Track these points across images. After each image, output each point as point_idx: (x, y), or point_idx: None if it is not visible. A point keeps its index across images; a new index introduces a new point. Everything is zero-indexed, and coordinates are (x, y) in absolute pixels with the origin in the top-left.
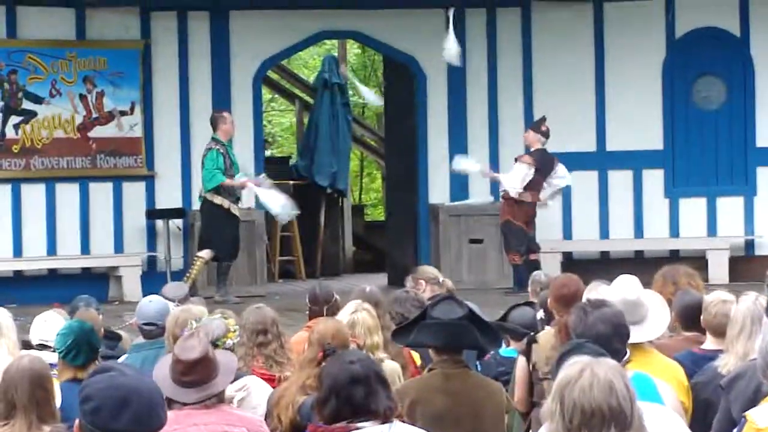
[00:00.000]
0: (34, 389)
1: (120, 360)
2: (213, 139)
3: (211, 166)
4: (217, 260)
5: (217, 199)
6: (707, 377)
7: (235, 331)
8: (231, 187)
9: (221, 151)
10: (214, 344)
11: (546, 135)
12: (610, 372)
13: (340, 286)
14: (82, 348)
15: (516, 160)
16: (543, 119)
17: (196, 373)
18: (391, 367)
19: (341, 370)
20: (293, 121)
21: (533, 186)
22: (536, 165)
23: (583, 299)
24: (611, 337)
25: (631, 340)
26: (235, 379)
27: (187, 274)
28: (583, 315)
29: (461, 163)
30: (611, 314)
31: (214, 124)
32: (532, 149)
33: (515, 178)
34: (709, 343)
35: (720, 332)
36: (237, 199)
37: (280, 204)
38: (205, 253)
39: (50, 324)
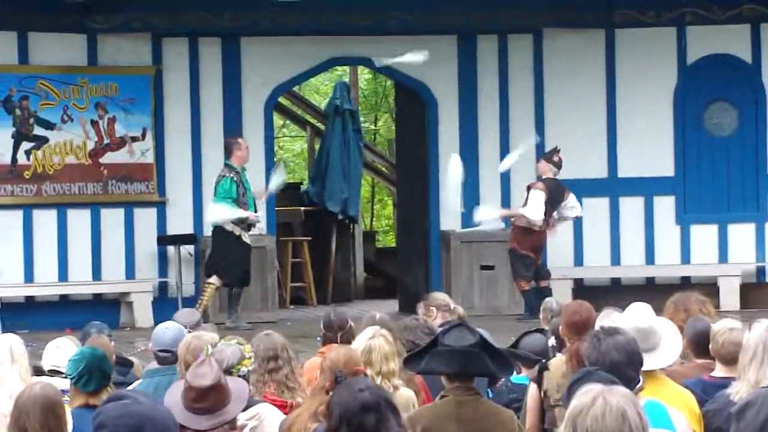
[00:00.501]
0: (46, 416)
1: (133, 386)
2: (226, 165)
3: (222, 193)
4: (227, 287)
5: (229, 226)
6: (719, 405)
7: (250, 357)
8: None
9: (235, 179)
10: (229, 371)
11: (558, 165)
12: (622, 400)
13: (352, 312)
14: (93, 374)
15: (528, 188)
16: (556, 150)
17: (208, 400)
18: (406, 394)
19: (351, 399)
20: (304, 147)
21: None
22: (547, 193)
23: (596, 326)
24: (625, 365)
25: (643, 368)
26: (248, 407)
27: (199, 301)
28: (596, 342)
29: (481, 214)
30: (625, 342)
31: (229, 150)
32: (544, 177)
33: (537, 208)
34: (719, 370)
35: (729, 360)
36: (249, 227)
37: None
38: (215, 279)
39: (62, 350)
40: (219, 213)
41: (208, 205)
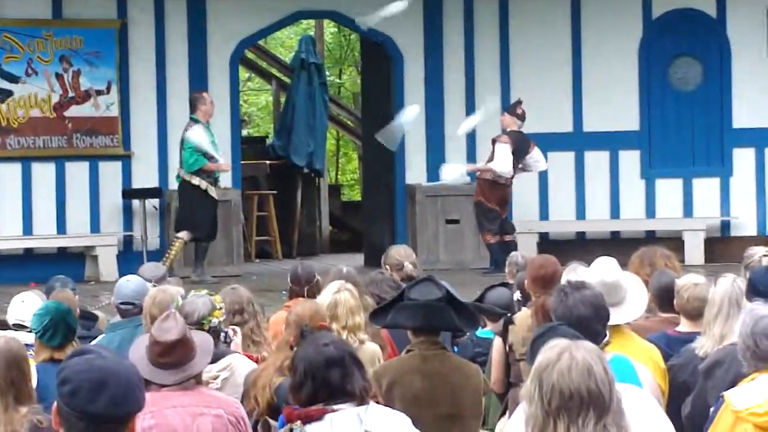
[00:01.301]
0: (10, 370)
1: (97, 339)
2: (192, 119)
3: (191, 147)
4: (195, 241)
5: (195, 180)
6: (684, 360)
7: (221, 308)
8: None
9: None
10: (200, 322)
11: (522, 118)
12: (588, 355)
13: (318, 266)
14: (58, 328)
15: (493, 141)
16: (519, 102)
17: (174, 355)
18: (371, 348)
19: (316, 353)
20: (269, 100)
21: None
22: (513, 145)
23: (562, 281)
24: (591, 319)
25: (609, 322)
26: (219, 358)
27: (166, 255)
28: (563, 297)
29: (447, 171)
30: (591, 296)
31: (194, 104)
32: (508, 130)
33: (505, 161)
34: (684, 325)
35: (693, 315)
36: (215, 180)
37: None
38: (184, 234)
39: (27, 304)
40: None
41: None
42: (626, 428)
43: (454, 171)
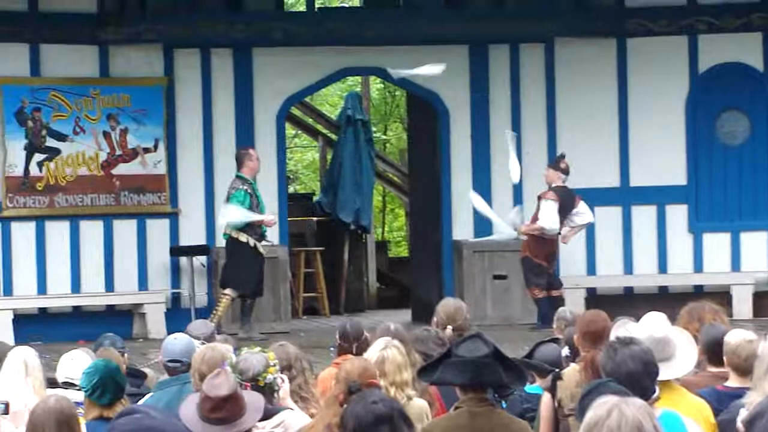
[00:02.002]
0: (61, 429)
1: (145, 398)
2: (238, 177)
3: (236, 204)
4: (242, 297)
5: (242, 237)
6: (733, 415)
7: (275, 365)
8: (255, 224)
9: (248, 190)
10: (255, 379)
11: (566, 172)
12: (638, 412)
13: (365, 323)
14: (108, 387)
15: (539, 198)
16: (562, 156)
17: (225, 411)
18: (419, 405)
19: (365, 411)
20: (316, 157)
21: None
22: (558, 201)
23: (611, 336)
24: (641, 375)
25: (659, 378)
26: (272, 415)
27: (213, 312)
28: (612, 353)
29: (499, 231)
30: (641, 352)
31: (240, 161)
32: (553, 185)
33: (551, 218)
34: (733, 380)
35: (744, 371)
36: (262, 236)
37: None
38: (231, 291)
39: (77, 362)
40: (231, 215)
41: (220, 209)
42: None
43: (506, 231)
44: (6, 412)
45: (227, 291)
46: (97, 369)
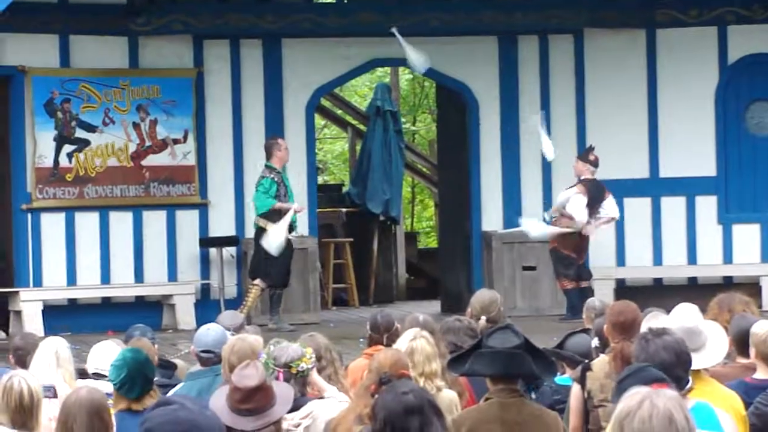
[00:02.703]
0: (92, 420)
1: (176, 388)
2: (267, 167)
3: (262, 192)
4: (271, 288)
5: (269, 226)
6: (765, 405)
7: (310, 358)
8: (283, 212)
9: (276, 179)
10: (288, 365)
11: (595, 164)
12: (669, 403)
13: (395, 313)
14: (136, 381)
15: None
16: (591, 148)
17: (254, 401)
18: (449, 396)
19: (395, 401)
20: (345, 148)
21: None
22: (587, 194)
23: (642, 328)
24: (674, 365)
25: (691, 368)
26: (300, 406)
27: (243, 303)
28: (645, 344)
29: (531, 228)
30: (673, 342)
31: (269, 151)
32: (582, 178)
33: (579, 212)
34: (761, 372)
35: None
36: (291, 228)
37: (276, 243)
38: (260, 282)
39: (107, 353)
40: (276, 233)
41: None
42: None
43: (537, 227)
44: (55, 395)
45: (256, 282)
46: (125, 362)
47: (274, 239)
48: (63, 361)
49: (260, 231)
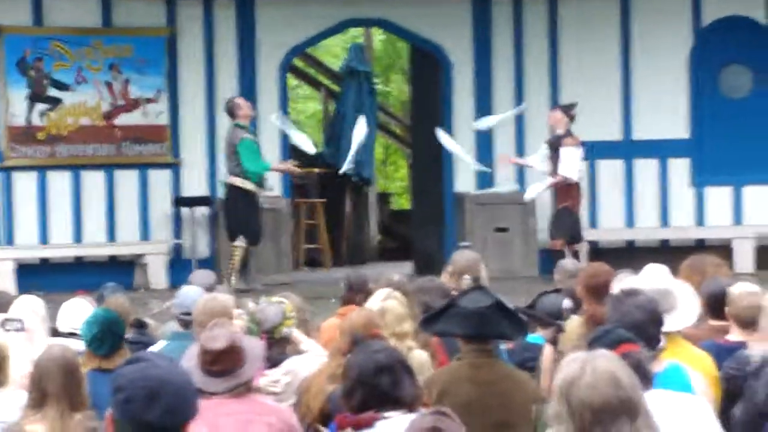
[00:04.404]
0: (65, 378)
1: (158, 347)
2: (239, 126)
3: (250, 154)
4: (252, 246)
5: (249, 185)
6: (738, 368)
7: (292, 318)
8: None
9: (253, 139)
10: (271, 331)
11: (572, 119)
12: (611, 364)
13: (369, 274)
14: (106, 338)
15: (555, 145)
16: (575, 104)
17: (223, 363)
18: (420, 356)
19: (366, 360)
20: (318, 108)
21: None
22: (582, 147)
23: (613, 289)
24: (647, 324)
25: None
26: (279, 362)
27: (230, 265)
28: (617, 303)
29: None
30: (646, 301)
31: (232, 112)
32: (558, 131)
33: (574, 165)
34: (735, 334)
35: (747, 324)
36: (261, 185)
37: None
38: (241, 241)
39: (78, 312)
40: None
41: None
42: (656, 428)
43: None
44: (23, 328)
45: (237, 243)
46: (97, 319)
47: (300, 139)
48: (39, 319)
49: (233, 190)
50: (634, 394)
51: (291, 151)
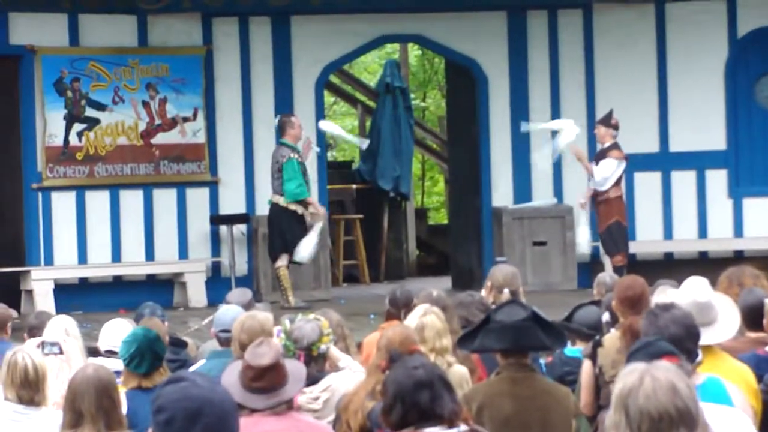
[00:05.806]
0: (100, 398)
1: (198, 366)
2: (285, 145)
3: (294, 176)
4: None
5: (293, 206)
6: None
7: (329, 335)
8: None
9: (299, 159)
10: (309, 348)
11: (616, 128)
12: (670, 374)
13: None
14: (145, 356)
15: (597, 159)
16: (611, 112)
17: (267, 380)
18: (459, 371)
19: (405, 376)
20: (355, 124)
21: (619, 180)
22: (626, 161)
23: (652, 302)
24: (684, 339)
25: (701, 342)
26: (318, 380)
27: (282, 289)
28: (654, 318)
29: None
30: (682, 316)
31: (282, 128)
32: (606, 144)
33: (605, 173)
34: None
35: None
36: (306, 206)
37: (309, 246)
38: (284, 260)
39: (118, 331)
40: (308, 244)
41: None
42: None
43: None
44: (61, 351)
45: (279, 263)
46: (136, 338)
47: (306, 249)
48: (73, 339)
49: (276, 209)
50: (692, 405)
51: (328, 166)
